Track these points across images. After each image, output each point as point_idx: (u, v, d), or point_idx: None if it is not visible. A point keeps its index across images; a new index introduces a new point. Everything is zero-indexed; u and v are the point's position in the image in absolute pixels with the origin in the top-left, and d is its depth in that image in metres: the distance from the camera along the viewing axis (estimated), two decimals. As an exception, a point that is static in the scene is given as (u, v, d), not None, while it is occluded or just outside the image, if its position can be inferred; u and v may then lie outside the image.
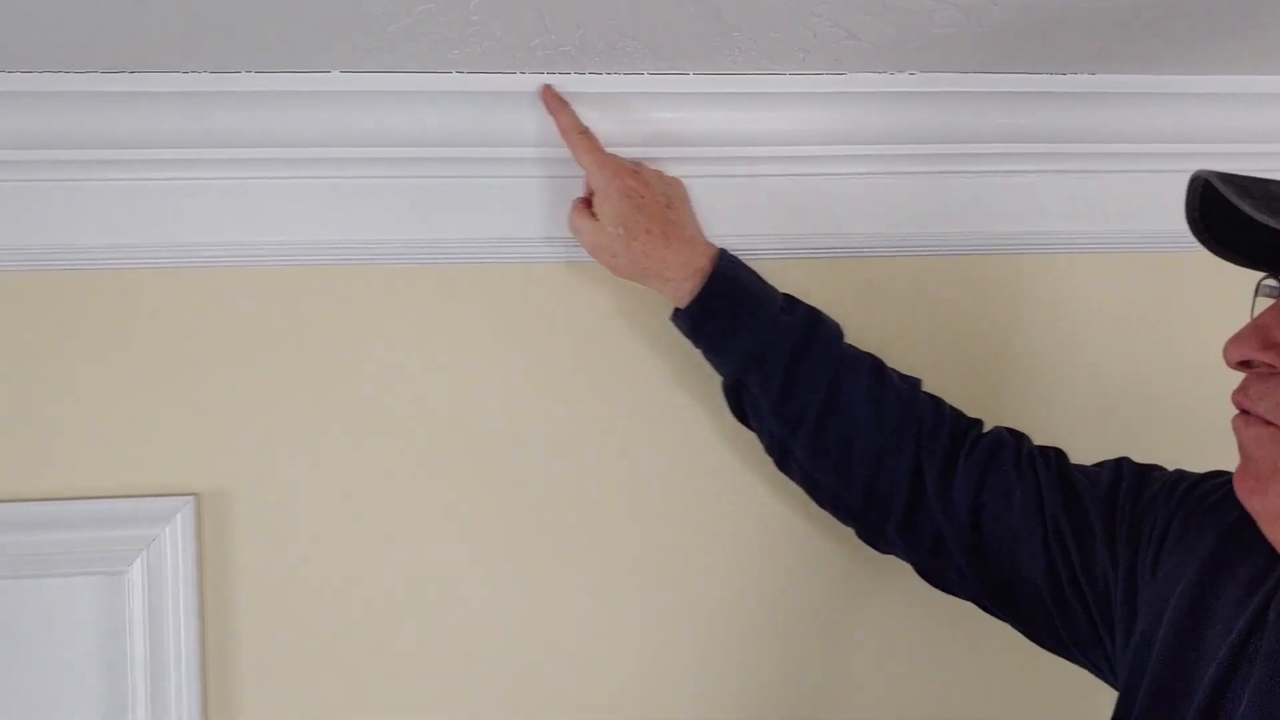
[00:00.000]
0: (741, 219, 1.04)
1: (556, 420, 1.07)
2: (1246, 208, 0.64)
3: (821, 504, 0.99)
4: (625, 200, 0.93)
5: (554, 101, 0.96)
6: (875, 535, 0.97)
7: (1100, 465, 0.91)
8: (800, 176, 1.04)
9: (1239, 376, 0.72)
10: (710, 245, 0.97)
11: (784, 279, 0.99)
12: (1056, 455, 0.93)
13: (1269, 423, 0.68)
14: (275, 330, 1.03)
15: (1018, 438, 0.94)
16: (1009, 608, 0.93)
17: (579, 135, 0.95)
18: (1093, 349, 1.15)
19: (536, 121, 0.98)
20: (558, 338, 1.07)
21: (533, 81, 0.96)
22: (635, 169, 0.96)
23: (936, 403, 0.97)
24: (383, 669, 1.06)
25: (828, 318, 0.97)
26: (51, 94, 0.93)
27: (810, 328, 0.95)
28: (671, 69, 0.97)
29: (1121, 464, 0.90)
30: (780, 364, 0.93)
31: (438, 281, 1.05)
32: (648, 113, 1.00)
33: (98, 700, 1.02)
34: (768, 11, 0.84)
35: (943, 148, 1.04)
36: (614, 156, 0.96)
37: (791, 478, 1.00)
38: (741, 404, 0.98)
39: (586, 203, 0.97)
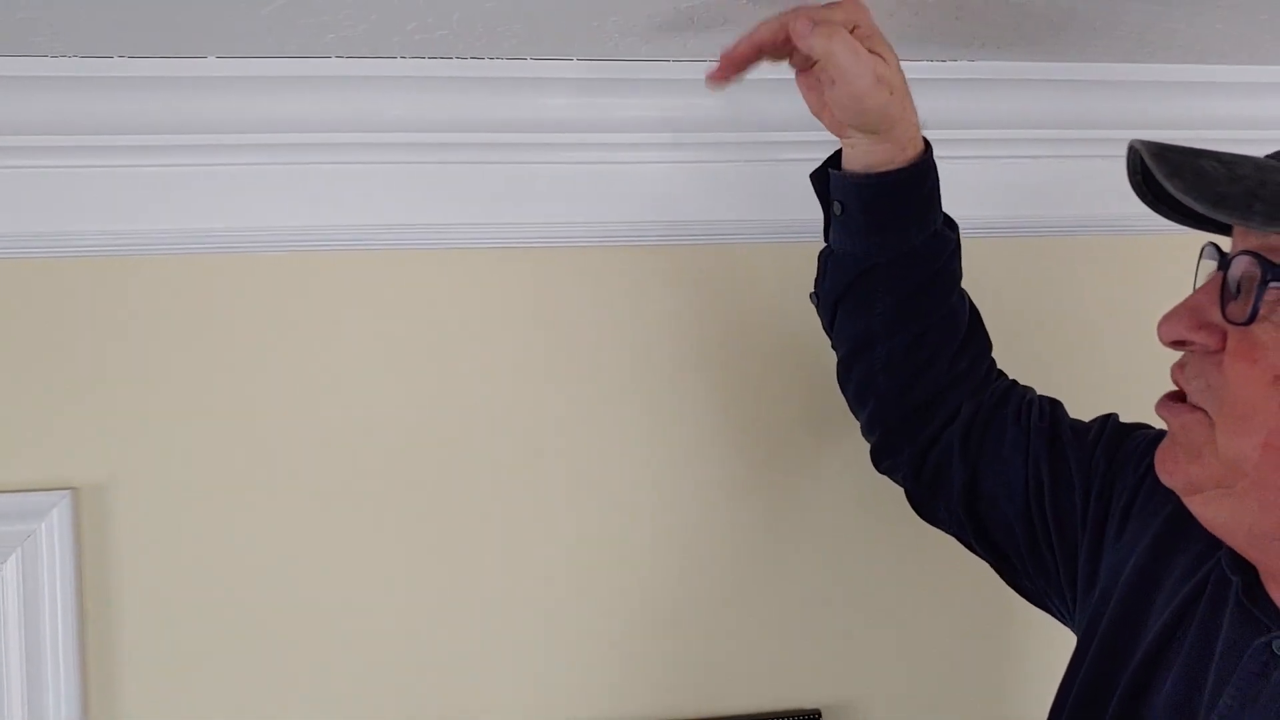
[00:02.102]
0: (619, 205, 1.05)
1: (458, 412, 1.07)
2: (1174, 189, 0.63)
3: (860, 406, 0.98)
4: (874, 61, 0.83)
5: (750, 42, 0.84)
6: (892, 452, 0.97)
7: (1092, 421, 0.92)
8: (683, 164, 1.05)
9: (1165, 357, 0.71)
10: None
11: (665, 264, 1.00)
12: (1052, 405, 0.94)
13: (1195, 409, 0.68)
14: (153, 320, 1.01)
15: (1026, 387, 0.97)
16: (988, 546, 0.94)
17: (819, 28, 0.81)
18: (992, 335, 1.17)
19: (415, 106, 0.97)
20: (450, 329, 1.06)
21: (414, 66, 0.96)
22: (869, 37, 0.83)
23: (993, 363, 0.99)
24: (267, 668, 1.04)
25: None
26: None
27: (958, 250, 0.94)
28: (552, 54, 0.97)
29: (1107, 420, 0.91)
30: (929, 268, 0.91)
31: (320, 270, 1.03)
32: (530, 98, 0.99)
33: (-29, 702, 0.99)
34: (643, -5, 0.84)
35: (826, 135, 1.05)
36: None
37: (847, 377, 0.97)
38: (850, 289, 0.93)
39: None
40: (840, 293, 0.93)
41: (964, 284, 1.14)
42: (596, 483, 1.10)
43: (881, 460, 0.99)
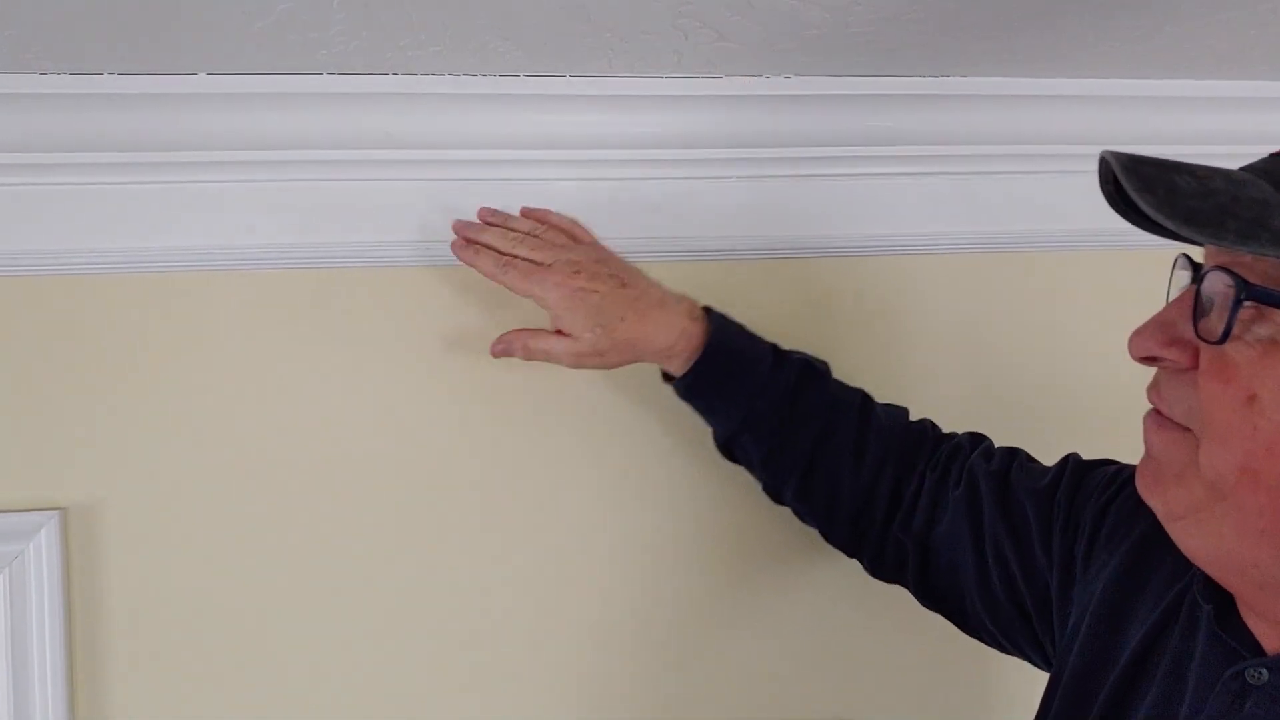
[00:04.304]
0: (616, 222, 1.04)
1: (436, 430, 1.06)
2: (1146, 205, 0.61)
3: (813, 527, 1.02)
4: (585, 302, 0.91)
5: (468, 255, 0.95)
6: (853, 554, 1.01)
7: (1052, 465, 0.91)
8: (678, 180, 1.05)
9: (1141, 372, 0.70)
10: (683, 298, 0.96)
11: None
12: (1004, 455, 0.94)
13: (1182, 428, 0.66)
14: (142, 338, 1.00)
15: (975, 442, 0.97)
16: (952, 610, 0.95)
17: (504, 270, 0.92)
18: (968, 350, 1.17)
19: (408, 123, 0.97)
20: (435, 346, 1.05)
21: (405, 83, 0.95)
22: (575, 270, 0.92)
23: (920, 432, 0.99)
24: (257, 688, 1.03)
25: (816, 364, 0.98)
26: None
27: (800, 384, 0.96)
28: (547, 71, 0.97)
29: (1067, 461, 0.90)
30: (771, 425, 0.95)
31: (310, 287, 1.02)
32: (525, 115, 0.99)
33: (-42, 726, 0.98)
34: (636, 11, 0.84)
35: (818, 151, 1.05)
36: (549, 269, 0.92)
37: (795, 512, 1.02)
38: (734, 454, 1.00)
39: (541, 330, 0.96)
40: (730, 457, 1.01)
41: (954, 298, 1.15)
42: (590, 501, 1.09)
43: (853, 556, 1.02)
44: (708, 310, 0.97)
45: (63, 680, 0.98)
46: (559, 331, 0.93)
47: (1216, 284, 0.62)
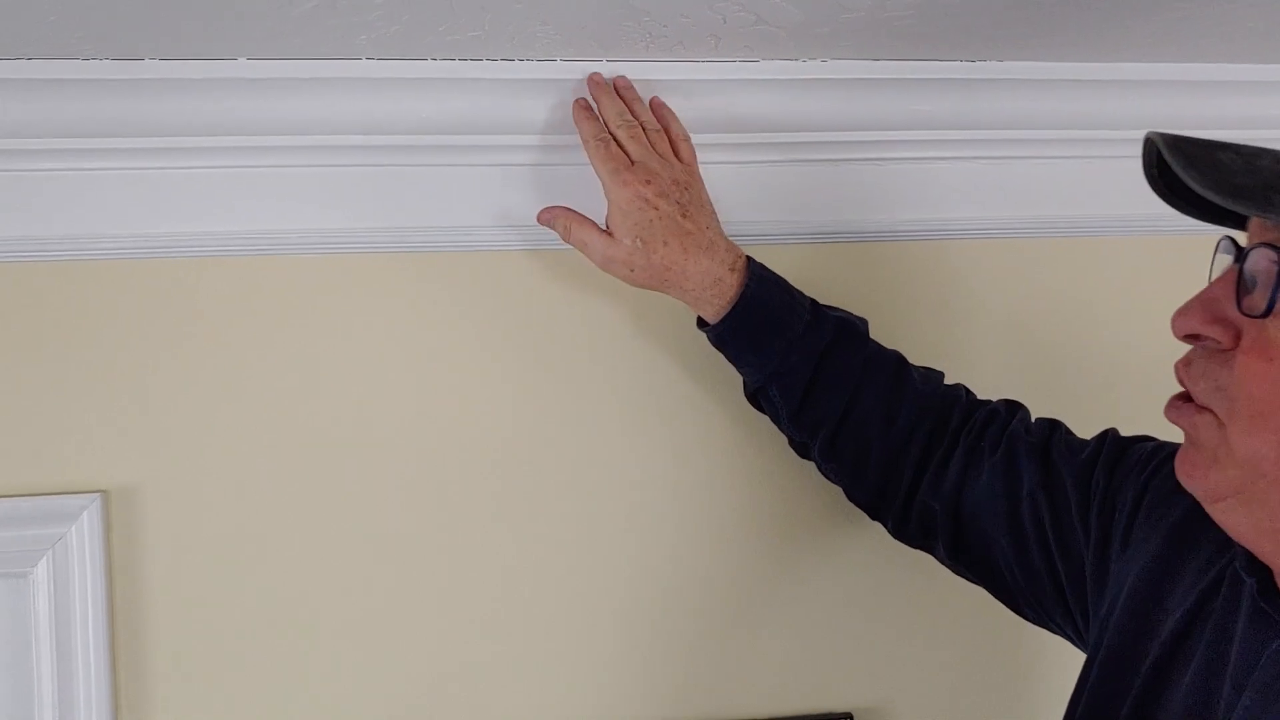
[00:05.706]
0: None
1: (482, 413, 1.06)
2: (1191, 181, 0.62)
3: (838, 485, 1.02)
4: (641, 212, 0.91)
5: (580, 114, 0.96)
6: (877, 516, 1.02)
7: (1090, 439, 0.92)
8: (714, 164, 1.04)
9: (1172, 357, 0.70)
10: (731, 248, 0.95)
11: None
12: (1044, 426, 0.94)
13: (1202, 408, 0.66)
14: (184, 321, 1.01)
15: (1011, 410, 0.97)
16: (986, 578, 0.95)
17: (597, 143, 0.94)
18: (1006, 335, 1.16)
19: (447, 108, 0.97)
20: (476, 329, 1.06)
21: (444, 68, 0.95)
22: (649, 179, 0.92)
23: (954, 398, 0.98)
24: (297, 670, 1.04)
25: (854, 322, 0.98)
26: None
27: (834, 343, 0.95)
28: (584, 55, 0.97)
29: (1106, 436, 0.90)
30: (801, 381, 0.95)
31: (350, 271, 1.03)
32: (562, 99, 0.99)
33: (2, 707, 0.99)
34: (675, -7, 0.84)
35: (854, 135, 1.05)
36: (630, 166, 0.93)
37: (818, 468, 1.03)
38: (761, 405, 1.00)
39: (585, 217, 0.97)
40: (756, 406, 1.01)
41: (992, 283, 1.15)
42: (618, 484, 1.09)
43: (875, 518, 1.02)
44: (750, 262, 0.96)
45: (105, 661, 0.99)
46: (603, 228, 0.94)
47: (1260, 260, 0.62)
